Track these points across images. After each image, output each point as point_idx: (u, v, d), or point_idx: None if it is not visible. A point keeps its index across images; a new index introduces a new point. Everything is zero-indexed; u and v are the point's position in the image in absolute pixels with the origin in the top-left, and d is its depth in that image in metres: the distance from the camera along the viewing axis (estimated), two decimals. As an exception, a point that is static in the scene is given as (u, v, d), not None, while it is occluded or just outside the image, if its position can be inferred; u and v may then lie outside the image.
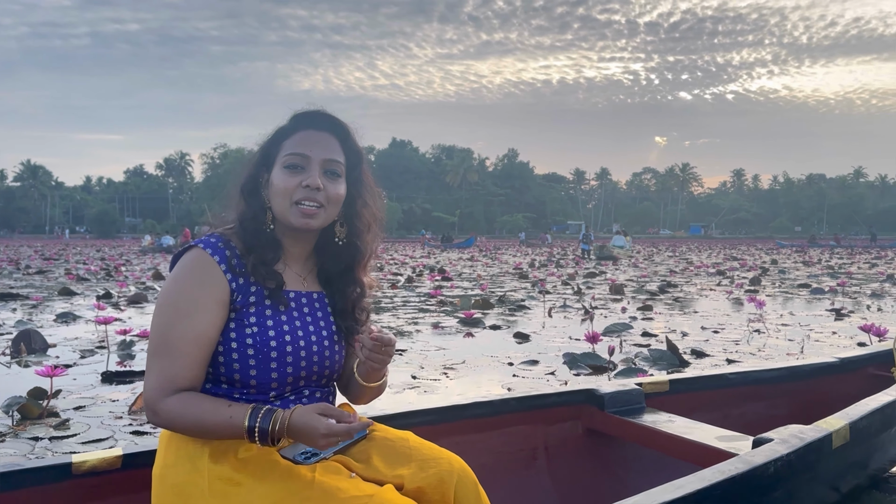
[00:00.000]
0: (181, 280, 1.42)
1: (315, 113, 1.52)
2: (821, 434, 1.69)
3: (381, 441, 1.47)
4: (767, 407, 2.53)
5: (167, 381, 1.35)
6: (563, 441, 2.25)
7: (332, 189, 1.46)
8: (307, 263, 1.57)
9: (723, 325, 6.92)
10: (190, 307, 1.38)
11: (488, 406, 2.13)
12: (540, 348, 5.47)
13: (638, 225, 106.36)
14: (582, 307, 8.28)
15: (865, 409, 1.90)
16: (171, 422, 1.35)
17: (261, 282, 1.44)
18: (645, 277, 14.18)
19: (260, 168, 1.52)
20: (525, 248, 38.10)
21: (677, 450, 2.00)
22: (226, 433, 1.33)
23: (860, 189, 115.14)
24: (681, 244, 52.05)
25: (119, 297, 9.56)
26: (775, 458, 1.54)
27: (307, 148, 1.46)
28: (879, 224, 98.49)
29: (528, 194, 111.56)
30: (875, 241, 44.02)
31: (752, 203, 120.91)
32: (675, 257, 25.63)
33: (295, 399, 1.47)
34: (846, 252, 32.86)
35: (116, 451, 1.63)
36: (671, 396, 2.36)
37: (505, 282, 12.90)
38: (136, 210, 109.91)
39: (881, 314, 7.93)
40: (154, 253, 29.12)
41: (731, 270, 16.37)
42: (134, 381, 4.26)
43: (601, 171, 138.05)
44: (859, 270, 16.73)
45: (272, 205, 1.47)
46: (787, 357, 5.19)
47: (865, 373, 2.63)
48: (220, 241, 1.46)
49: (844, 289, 11.15)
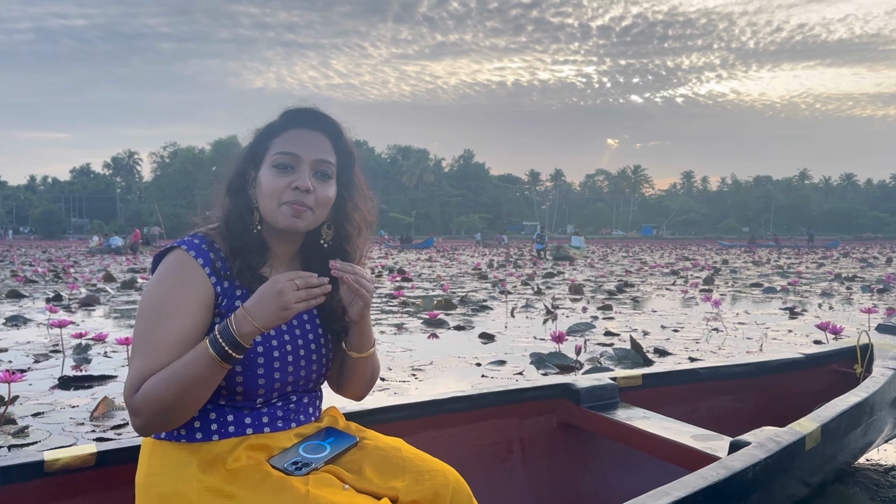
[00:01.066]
0: (163, 282, 1.37)
1: (307, 111, 1.47)
2: (795, 437, 1.73)
3: (372, 450, 1.44)
4: (735, 401, 2.58)
5: (140, 379, 1.29)
6: (538, 435, 2.26)
7: (321, 191, 1.42)
8: (293, 265, 1.52)
9: (682, 324, 7.04)
10: (172, 309, 1.33)
11: (466, 401, 2.12)
12: (506, 348, 5.49)
13: (591, 226, 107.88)
14: (544, 307, 8.34)
15: (835, 410, 1.95)
16: (149, 405, 1.27)
17: (246, 286, 1.40)
18: (603, 277, 14.36)
19: (247, 165, 1.46)
20: (482, 249, 38.25)
21: (652, 447, 2.02)
22: (202, 377, 1.26)
23: (805, 191, 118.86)
24: (633, 244, 52.93)
25: (70, 299, 9.27)
26: (754, 462, 1.57)
27: (297, 147, 1.41)
28: (823, 225, 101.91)
29: (484, 195, 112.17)
30: (812, 242, 45.33)
31: (702, 204, 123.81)
32: (629, 257, 26.04)
33: (282, 405, 1.43)
34: (793, 252, 33.83)
35: (90, 447, 1.57)
36: (643, 391, 2.39)
37: (465, 282, 12.93)
38: (82, 210, 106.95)
39: (833, 312, 8.18)
40: (103, 254, 28.34)
41: (685, 270, 16.71)
42: (93, 387, 4.13)
43: (555, 173, 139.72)
44: (808, 270, 17.24)
45: (259, 204, 1.42)
46: (747, 355, 5.31)
47: (829, 369, 2.70)
48: (203, 243, 1.41)
49: (795, 288, 11.48)
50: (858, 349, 2.60)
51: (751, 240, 49.65)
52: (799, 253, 32.76)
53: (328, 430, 1.49)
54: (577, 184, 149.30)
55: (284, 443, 1.40)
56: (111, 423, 3.32)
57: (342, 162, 1.49)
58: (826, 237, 64.59)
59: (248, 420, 1.39)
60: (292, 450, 1.40)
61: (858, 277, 14.27)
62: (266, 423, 1.41)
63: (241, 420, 1.39)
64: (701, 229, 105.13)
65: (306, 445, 1.41)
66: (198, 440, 1.37)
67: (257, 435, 1.39)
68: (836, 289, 11.47)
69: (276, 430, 1.42)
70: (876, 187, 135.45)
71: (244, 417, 1.39)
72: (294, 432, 1.44)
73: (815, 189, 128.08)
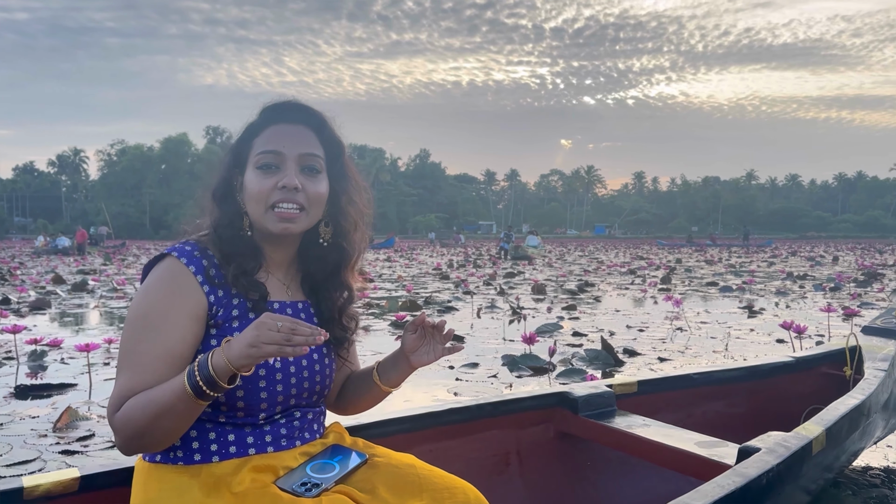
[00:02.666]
0: (152, 291, 1.28)
1: (285, 104, 1.39)
2: (803, 442, 1.73)
3: (385, 468, 1.37)
4: (729, 406, 2.59)
5: (123, 398, 1.21)
6: (535, 445, 2.22)
7: (311, 187, 1.34)
8: (290, 270, 1.45)
9: (646, 324, 7.11)
10: (159, 321, 1.24)
11: (463, 412, 2.08)
12: (476, 350, 5.45)
13: (546, 225, 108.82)
14: (510, 308, 8.34)
15: (837, 413, 1.95)
16: (125, 427, 1.19)
17: (243, 293, 1.32)
18: (563, 277, 14.46)
19: (232, 170, 1.38)
20: (440, 249, 38.25)
21: (655, 455, 2.00)
22: (177, 409, 1.16)
23: (752, 191, 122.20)
24: (588, 244, 53.58)
25: (20, 303, 8.92)
26: (767, 469, 1.56)
27: (279, 144, 1.33)
28: (769, 224, 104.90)
29: (441, 194, 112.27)
30: (747, 240, 46.41)
31: (652, 204, 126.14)
32: (585, 257, 26.33)
33: (286, 422, 1.36)
34: (743, 251, 34.67)
35: (72, 472, 1.47)
36: (639, 398, 2.37)
37: (427, 283, 12.87)
38: (26, 209, 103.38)
39: (791, 311, 8.37)
40: (49, 255, 27.42)
41: (642, 269, 16.95)
42: (52, 395, 3.96)
43: (511, 173, 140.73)
44: (759, 269, 17.66)
45: (247, 209, 1.34)
46: (713, 354, 5.38)
47: (819, 371, 2.73)
48: (195, 250, 1.33)
49: (751, 287, 11.74)
50: (847, 352, 2.63)
51: (688, 239, 50.72)
52: (748, 252, 33.54)
53: (335, 447, 1.42)
54: (532, 183, 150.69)
55: (290, 462, 1.33)
56: (76, 435, 3.17)
57: (330, 153, 1.40)
58: (761, 236, 66.42)
59: (251, 439, 1.31)
60: (299, 470, 1.32)
61: (809, 276, 14.66)
62: (270, 441, 1.33)
63: (242, 439, 1.31)
64: (652, 229, 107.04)
65: (313, 465, 1.34)
66: (197, 462, 1.28)
67: (261, 455, 1.31)
68: (789, 287, 11.76)
69: (281, 450, 1.34)
70: (819, 188, 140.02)
71: (246, 436, 1.31)
72: (299, 451, 1.36)
73: (762, 189, 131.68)
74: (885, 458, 2.86)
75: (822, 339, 5.85)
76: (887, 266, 18.77)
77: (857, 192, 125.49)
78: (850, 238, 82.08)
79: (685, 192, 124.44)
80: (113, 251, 30.42)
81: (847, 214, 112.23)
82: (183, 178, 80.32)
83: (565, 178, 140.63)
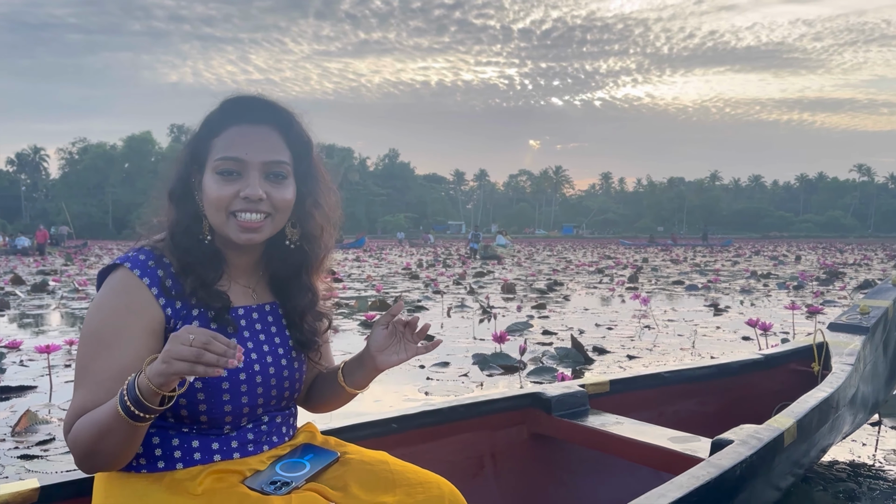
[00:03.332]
0: (105, 307, 1.21)
1: (248, 101, 1.27)
2: (775, 433, 1.74)
3: (357, 465, 1.34)
4: (700, 403, 2.60)
5: (78, 416, 1.15)
6: (509, 446, 2.21)
7: (277, 195, 1.25)
8: (255, 273, 1.37)
9: (614, 322, 7.16)
10: (112, 338, 1.17)
11: (437, 414, 2.06)
12: (447, 349, 5.43)
13: (515, 225, 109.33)
14: (480, 307, 8.34)
15: (807, 406, 1.97)
16: (74, 447, 1.14)
17: (204, 305, 1.25)
18: (533, 276, 14.52)
19: (189, 168, 1.28)
20: (409, 249, 38.17)
21: (629, 452, 2.00)
22: (115, 431, 1.09)
23: (716, 191, 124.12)
24: (556, 244, 53.93)
25: (-24, 304, 8.66)
26: (741, 460, 1.57)
27: (241, 150, 1.23)
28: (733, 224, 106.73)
29: (410, 194, 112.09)
30: (706, 240, 47.37)
31: (619, 204, 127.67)
32: (554, 256, 26.49)
33: (253, 427, 1.30)
34: (707, 251, 35.19)
35: (31, 482, 1.42)
36: (612, 397, 2.37)
37: (397, 282, 12.82)
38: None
39: (755, 309, 8.50)
40: (8, 255, 26.76)
41: (609, 269, 17.10)
42: (10, 398, 3.84)
43: (480, 173, 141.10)
44: (724, 268, 17.92)
45: (206, 214, 1.26)
46: (681, 351, 5.43)
47: (788, 368, 2.76)
48: (150, 259, 1.25)
49: (716, 285, 11.90)
50: (815, 348, 2.66)
51: (650, 239, 51.44)
52: (712, 251, 34.04)
53: (305, 446, 1.38)
54: (501, 184, 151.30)
55: (257, 466, 1.28)
56: (35, 439, 3.08)
57: (297, 153, 1.31)
58: (721, 236, 67.69)
59: (216, 445, 1.26)
60: (269, 469, 1.28)
61: (773, 275, 14.93)
62: (236, 447, 1.28)
63: (207, 446, 1.25)
64: (618, 229, 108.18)
65: (283, 464, 1.31)
66: (160, 469, 1.23)
67: (227, 461, 1.26)
68: (753, 286, 11.95)
69: (247, 455, 1.29)
70: (781, 188, 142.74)
71: (211, 443, 1.26)
72: (267, 455, 1.32)
73: (725, 190, 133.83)
74: (851, 452, 2.90)
75: (787, 337, 5.95)
76: (848, 265, 19.20)
77: (818, 192, 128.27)
78: (811, 237, 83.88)
79: (651, 193, 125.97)
80: (74, 251, 29.78)
81: (808, 214, 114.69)
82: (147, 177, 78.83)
83: (534, 179, 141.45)
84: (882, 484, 2.54)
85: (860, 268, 17.91)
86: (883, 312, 2.81)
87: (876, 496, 2.43)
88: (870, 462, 2.78)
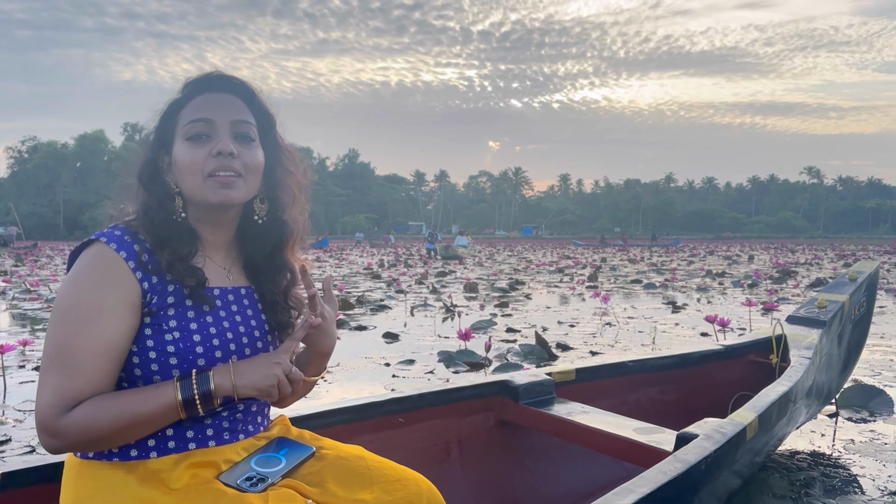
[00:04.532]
0: (82, 281, 1.18)
1: (211, 75, 1.31)
2: (738, 428, 1.78)
3: (333, 460, 1.32)
4: (661, 392, 2.65)
5: (67, 399, 1.12)
6: (476, 433, 2.22)
7: (247, 155, 1.26)
8: (230, 253, 1.36)
9: (576, 320, 7.24)
10: (93, 313, 1.15)
11: (405, 401, 2.07)
12: (412, 347, 5.43)
13: (475, 226, 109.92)
14: (443, 305, 8.34)
15: (768, 400, 2.02)
16: (82, 433, 1.11)
17: (179, 279, 1.23)
18: (494, 276, 14.59)
19: (157, 151, 1.28)
20: (370, 249, 38.01)
21: (595, 442, 2.02)
22: (157, 419, 1.12)
23: (671, 193, 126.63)
24: (516, 244, 54.27)
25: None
26: (706, 455, 1.60)
27: (209, 111, 1.25)
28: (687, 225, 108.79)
29: (370, 195, 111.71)
30: (655, 241, 48.41)
31: (577, 206, 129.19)
32: (514, 256, 26.65)
33: (228, 415, 1.28)
34: (663, 251, 35.81)
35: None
36: (577, 385, 2.41)
37: (359, 282, 12.75)
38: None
39: (712, 306, 8.67)
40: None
41: (569, 268, 17.28)
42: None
43: (440, 174, 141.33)
44: (680, 267, 18.26)
45: (181, 187, 1.26)
46: (642, 347, 5.52)
47: (746, 360, 2.83)
48: (126, 234, 1.23)
49: (673, 284, 12.12)
50: (774, 340, 2.72)
51: (601, 240, 52.25)
52: (668, 251, 34.65)
53: (280, 440, 1.36)
54: (462, 184, 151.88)
55: (232, 457, 1.26)
56: (-10, 441, 2.97)
57: (262, 123, 1.33)
58: (670, 237, 69.22)
59: (191, 433, 1.23)
60: (243, 464, 1.26)
61: (728, 274, 15.26)
62: (211, 435, 1.25)
63: (182, 433, 1.23)
64: (577, 229, 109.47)
65: (258, 459, 1.28)
66: (133, 458, 1.20)
67: (202, 450, 1.24)
68: (709, 284, 12.20)
69: (223, 444, 1.27)
70: (734, 190, 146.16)
71: (186, 430, 1.23)
72: (242, 445, 1.30)
73: (680, 192, 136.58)
74: (810, 443, 2.98)
75: (744, 332, 6.08)
76: (800, 264, 19.74)
77: (770, 194, 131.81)
78: (763, 238, 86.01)
79: (608, 194, 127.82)
80: (24, 252, 28.92)
81: (760, 216, 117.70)
82: (99, 176, 77.09)
83: (494, 180, 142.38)
84: (842, 472, 2.62)
85: (811, 267, 18.43)
86: (840, 306, 2.89)
87: (834, 484, 2.50)
88: (828, 452, 2.86)
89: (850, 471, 2.63)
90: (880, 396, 3.62)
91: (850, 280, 3.05)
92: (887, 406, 3.53)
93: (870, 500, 2.35)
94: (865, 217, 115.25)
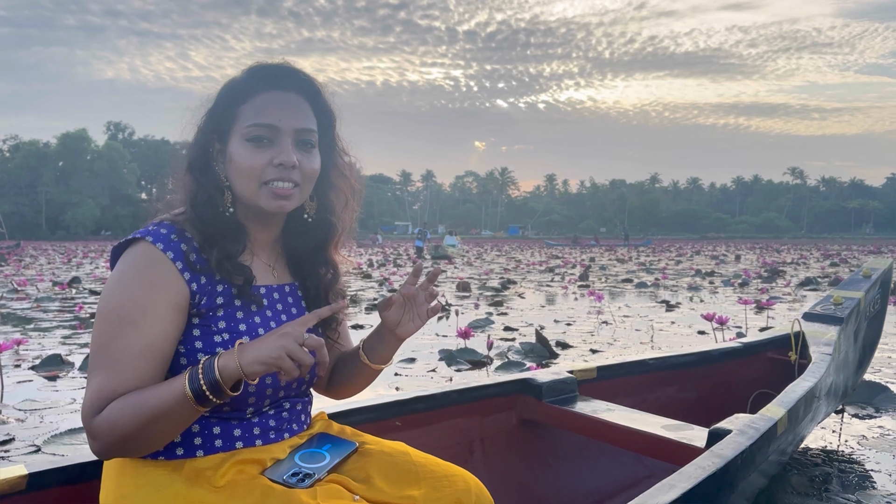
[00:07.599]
0: (127, 282, 1.14)
1: (277, 68, 1.25)
2: (770, 423, 1.77)
3: (377, 456, 1.30)
4: (681, 389, 2.64)
5: (103, 400, 1.08)
6: (499, 432, 2.21)
7: (307, 164, 1.23)
8: (275, 249, 1.34)
9: (572, 318, 7.24)
10: (137, 314, 1.11)
11: (428, 400, 2.05)
12: (411, 346, 5.39)
13: (462, 226, 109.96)
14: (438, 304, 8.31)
15: (795, 395, 2.01)
16: (109, 432, 1.07)
17: (227, 279, 1.20)
18: (486, 275, 14.59)
19: (210, 137, 1.23)
20: (357, 249, 37.86)
21: (622, 439, 2.01)
22: (174, 415, 1.06)
23: (656, 193, 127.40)
24: (503, 244, 54.33)
25: None
26: (742, 450, 1.59)
27: (274, 117, 1.20)
28: (672, 225, 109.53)
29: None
30: (628, 241, 48.76)
31: (563, 206, 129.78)
32: (503, 256, 26.69)
33: (275, 414, 1.26)
34: (650, 250, 35.99)
35: (19, 469, 1.33)
36: (599, 383, 2.39)
37: (350, 281, 12.67)
38: None
39: (705, 305, 8.71)
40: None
41: (560, 268, 17.32)
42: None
43: (426, 174, 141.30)
44: (668, 267, 18.35)
45: (233, 184, 1.22)
46: (641, 345, 5.52)
47: (765, 356, 2.83)
48: (172, 233, 1.19)
49: (664, 283, 12.17)
50: (792, 337, 2.72)
51: (574, 239, 52.42)
52: (655, 251, 34.83)
53: (321, 436, 1.34)
54: (448, 184, 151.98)
55: (278, 455, 1.24)
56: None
57: (322, 124, 1.30)
58: (638, 237, 69.94)
59: (238, 432, 1.21)
60: (287, 460, 1.24)
61: (717, 273, 15.35)
62: (258, 434, 1.23)
63: (229, 432, 1.20)
64: (563, 229, 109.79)
65: (302, 454, 1.26)
66: (178, 457, 1.17)
67: (248, 449, 1.21)
68: (700, 283, 12.26)
69: (269, 443, 1.24)
70: (718, 190, 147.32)
71: (233, 429, 1.20)
72: (287, 443, 1.27)
73: (665, 192, 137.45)
74: (822, 439, 2.99)
75: (740, 329, 6.11)
76: (787, 264, 19.90)
77: (754, 194, 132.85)
78: (747, 238, 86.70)
79: (594, 195, 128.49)
80: (7, 252, 28.58)
81: (744, 216, 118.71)
82: (82, 175, 76.55)
83: (480, 180, 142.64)
84: (857, 468, 2.62)
85: (799, 266, 18.59)
86: (856, 303, 2.89)
87: (852, 480, 2.50)
88: (839, 448, 2.87)
89: (864, 467, 2.63)
90: (884, 393, 3.64)
91: (865, 277, 3.06)
92: (892, 402, 3.55)
93: (889, 494, 2.35)
94: (848, 217, 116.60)
